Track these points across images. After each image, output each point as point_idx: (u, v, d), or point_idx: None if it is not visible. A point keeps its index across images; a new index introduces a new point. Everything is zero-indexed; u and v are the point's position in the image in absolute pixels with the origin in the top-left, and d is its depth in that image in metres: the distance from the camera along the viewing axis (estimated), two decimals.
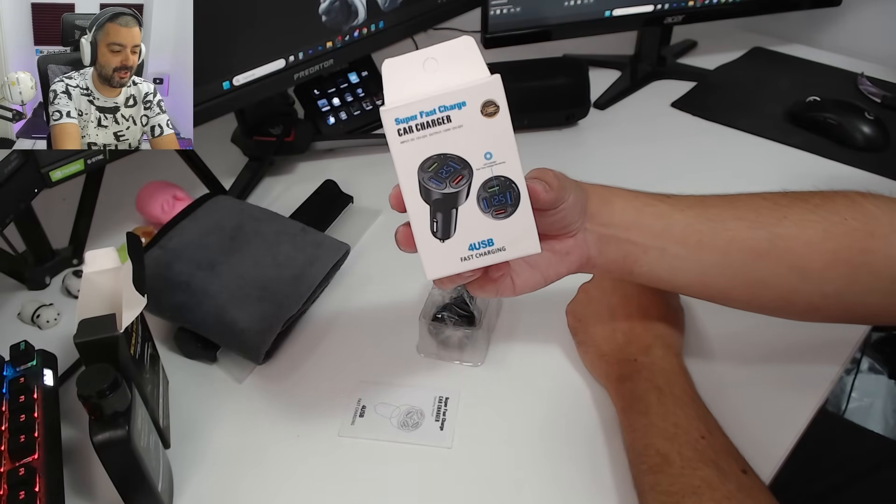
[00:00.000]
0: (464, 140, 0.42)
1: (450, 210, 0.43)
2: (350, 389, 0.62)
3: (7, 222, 0.66)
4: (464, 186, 0.42)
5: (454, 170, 0.42)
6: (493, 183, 0.42)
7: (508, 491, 0.55)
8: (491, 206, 0.43)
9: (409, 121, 0.41)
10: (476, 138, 0.42)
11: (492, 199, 0.43)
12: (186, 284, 0.66)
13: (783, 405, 0.60)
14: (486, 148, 0.42)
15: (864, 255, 0.53)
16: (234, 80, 0.78)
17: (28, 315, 0.71)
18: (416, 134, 0.41)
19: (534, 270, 0.51)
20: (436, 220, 0.43)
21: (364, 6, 0.87)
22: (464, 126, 0.41)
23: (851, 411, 1.11)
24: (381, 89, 1.07)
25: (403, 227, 0.44)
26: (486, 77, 0.41)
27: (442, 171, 0.42)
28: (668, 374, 0.57)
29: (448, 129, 0.41)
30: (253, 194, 0.88)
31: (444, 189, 0.42)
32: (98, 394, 0.45)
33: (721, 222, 0.54)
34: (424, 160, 0.42)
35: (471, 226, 0.43)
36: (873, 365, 1.16)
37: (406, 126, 0.41)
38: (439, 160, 0.42)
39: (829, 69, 1.11)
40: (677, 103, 1.04)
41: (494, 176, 0.42)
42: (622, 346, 0.60)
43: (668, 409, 0.54)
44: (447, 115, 0.41)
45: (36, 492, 0.49)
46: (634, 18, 1.02)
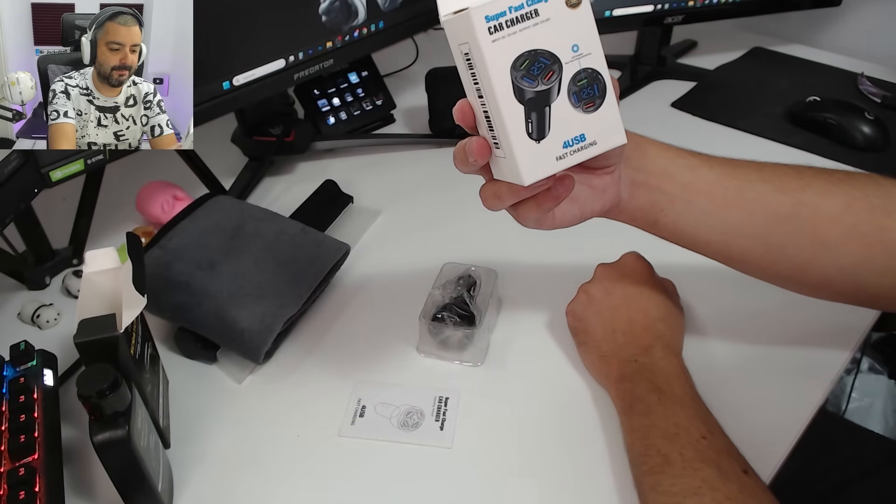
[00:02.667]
0: (553, 34, 0.41)
1: (543, 108, 0.42)
2: (350, 389, 0.63)
3: (7, 222, 0.66)
4: (555, 82, 0.42)
5: (545, 66, 0.41)
6: (582, 76, 0.42)
7: (508, 491, 0.55)
8: (581, 101, 0.42)
9: (498, 17, 0.40)
10: (563, 31, 0.41)
11: (581, 93, 0.42)
12: (186, 284, 0.66)
13: (783, 405, 0.60)
14: (574, 40, 0.41)
15: (881, 232, 0.54)
16: (234, 80, 0.78)
17: (28, 315, 0.71)
18: (506, 31, 0.40)
19: (573, 204, 0.52)
20: (530, 121, 0.42)
21: (364, 6, 0.87)
22: (551, 19, 0.40)
23: (851, 411, 1.11)
24: (380, 89, 1.07)
25: (477, 138, 0.45)
26: None
27: (534, 69, 0.41)
28: (668, 374, 0.57)
29: (536, 23, 0.40)
30: (253, 194, 0.88)
31: (537, 87, 0.41)
32: (98, 394, 0.45)
33: (748, 182, 0.55)
34: (516, 58, 0.41)
35: (563, 122, 0.42)
36: (873, 365, 1.16)
37: (496, 24, 0.40)
38: (530, 57, 0.41)
39: (829, 69, 1.11)
40: (677, 103, 1.04)
41: (583, 69, 0.42)
42: (622, 347, 0.60)
43: (669, 409, 0.54)
44: (535, 10, 0.40)
45: (36, 492, 0.49)
46: (634, 18, 1.03)
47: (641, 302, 0.62)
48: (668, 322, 0.62)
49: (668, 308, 0.63)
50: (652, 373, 0.57)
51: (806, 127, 0.96)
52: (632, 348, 0.59)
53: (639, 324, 0.61)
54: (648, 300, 0.62)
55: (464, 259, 0.70)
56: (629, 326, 0.61)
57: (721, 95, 1.06)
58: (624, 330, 0.61)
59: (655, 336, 0.60)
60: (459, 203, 0.85)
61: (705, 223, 0.55)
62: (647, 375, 0.57)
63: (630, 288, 0.63)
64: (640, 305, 0.62)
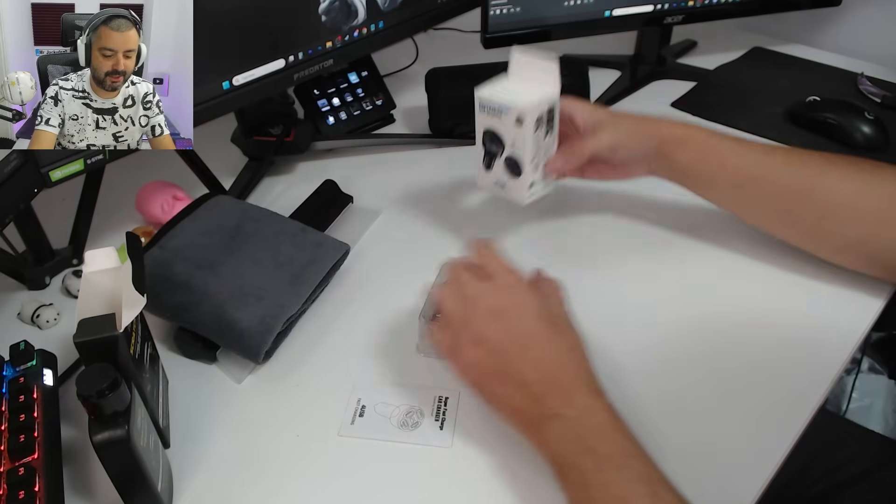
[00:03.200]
0: (503, 128, 0.68)
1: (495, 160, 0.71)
2: (350, 389, 0.63)
3: (7, 222, 0.66)
4: (497, 152, 0.70)
5: (497, 140, 0.69)
6: (512, 159, 0.69)
7: (508, 491, 0.55)
8: (510, 169, 0.70)
9: (482, 103, 0.68)
10: (506, 131, 0.68)
11: (510, 166, 0.70)
12: (186, 284, 0.66)
13: (783, 405, 0.59)
14: (512, 140, 0.68)
15: (890, 213, 0.62)
16: (234, 80, 0.78)
17: (28, 315, 0.71)
18: (484, 112, 0.68)
19: (616, 171, 0.73)
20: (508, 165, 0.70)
21: (364, 6, 0.87)
22: (505, 123, 0.67)
23: (851, 411, 1.11)
24: (380, 89, 1.08)
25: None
26: (526, 101, 0.64)
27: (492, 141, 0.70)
28: (599, 429, 0.49)
29: (498, 117, 0.67)
30: (253, 194, 0.88)
31: (491, 150, 0.70)
32: (98, 393, 0.45)
33: (770, 172, 0.66)
34: (485, 130, 0.69)
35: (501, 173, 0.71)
36: (873, 365, 1.16)
37: (480, 105, 0.68)
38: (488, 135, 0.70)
39: (829, 69, 1.11)
40: (677, 103, 1.04)
41: (510, 155, 0.69)
42: (539, 399, 0.51)
43: (608, 477, 0.47)
44: (499, 109, 0.67)
45: (35, 491, 0.49)
46: (634, 18, 1.02)
47: (547, 335, 0.53)
48: (578, 349, 0.54)
49: (570, 329, 0.55)
50: (579, 431, 0.49)
51: (806, 127, 0.96)
52: (550, 399, 0.51)
53: (552, 366, 0.52)
54: (549, 327, 0.53)
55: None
56: (542, 373, 0.51)
57: (721, 95, 1.06)
58: (537, 378, 0.51)
59: (572, 374, 0.52)
60: (459, 203, 0.85)
61: (722, 200, 0.71)
62: (574, 435, 0.49)
63: (531, 324, 0.53)
64: (545, 339, 0.53)
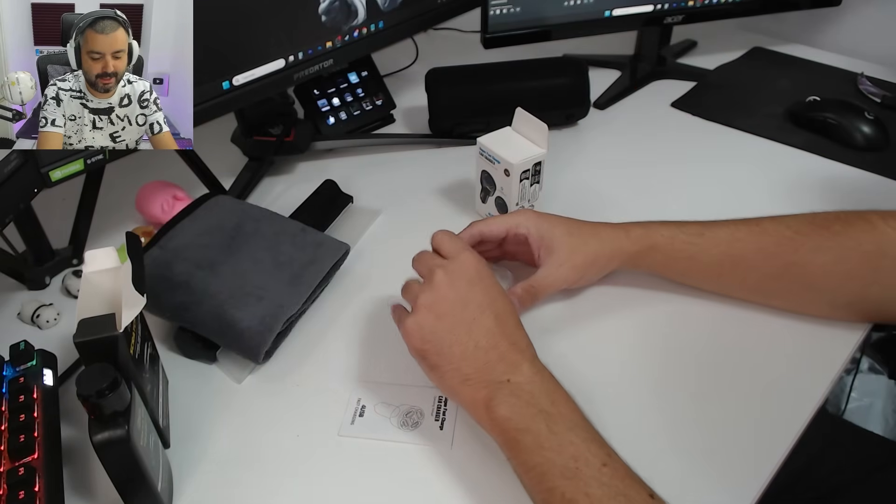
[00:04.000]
0: (495, 174, 0.77)
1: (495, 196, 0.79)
2: (350, 389, 0.63)
3: (7, 222, 0.66)
4: (491, 190, 0.79)
5: (492, 181, 0.78)
6: (500, 200, 0.78)
7: (508, 491, 0.55)
8: (498, 209, 0.79)
9: (482, 150, 0.77)
10: (498, 177, 0.76)
11: (498, 206, 0.79)
12: (186, 284, 0.66)
13: (783, 405, 0.59)
14: (501, 185, 0.77)
15: (874, 273, 0.59)
16: (234, 80, 0.78)
17: (28, 315, 0.71)
18: (483, 157, 0.78)
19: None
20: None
21: (364, 6, 0.87)
22: (497, 170, 0.76)
23: (851, 411, 1.11)
24: (380, 89, 1.08)
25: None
26: (515, 157, 0.74)
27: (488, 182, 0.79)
28: (549, 392, 0.51)
29: (492, 165, 0.76)
30: (253, 194, 0.88)
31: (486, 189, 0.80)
32: (98, 393, 0.45)
33: (743, 257, 0.63)
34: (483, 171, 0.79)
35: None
36: (873, 365, 1.16)
37: (480, 150, 0.77)
38: (485, 176, 0.79)
39: (829, 69, 1.11)
40: (677, 103, 1.04)
41: (498, 195, 0.78)
42: (489, 365, 0.53)
43: (563, 438, 0.48)
44: (494, 160, 0.76)
45: (35, 491, 0.49)
46: (634, 18, 1.03)
47: (496, 306, 0.56)
48: (521, 328, 0.57)
49: (516, 315, 0.58)
50: (532, 394, 0.51)
51: (806, 127, 0.96)
52: (501, 365, 0.53)
53: (500, 335, 0.55)
54: (502, 304, 0.57)
55: None
56: (491, 340, 0.54)
57: (721, 95, 1.06)
58: (486, 345, 0.54)
59: (520, 348, 0.54)
60: (459, 203, 0.85)
61: (703, 285, 0.67)
62: (527, 398, 0.51)
63: (480, 294, 0.56)
64: (495, 311, 0.56)
